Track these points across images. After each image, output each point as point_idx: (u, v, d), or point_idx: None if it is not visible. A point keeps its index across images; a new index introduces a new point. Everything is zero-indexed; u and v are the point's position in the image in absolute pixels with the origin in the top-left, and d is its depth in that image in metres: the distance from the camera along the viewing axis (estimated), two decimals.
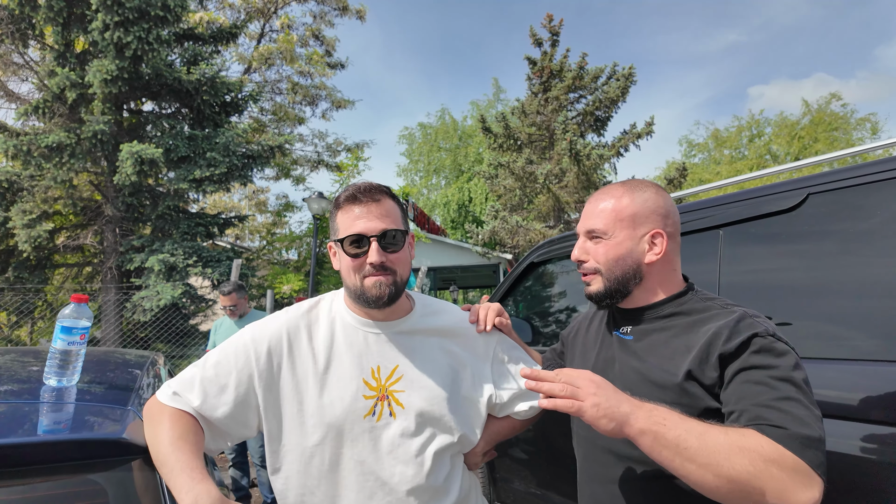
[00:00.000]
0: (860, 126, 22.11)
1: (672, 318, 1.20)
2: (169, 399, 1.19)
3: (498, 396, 1.34)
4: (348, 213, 1.22)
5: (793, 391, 0.97)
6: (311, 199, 8.77)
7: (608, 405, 0.96)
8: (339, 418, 1.20)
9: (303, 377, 1.23)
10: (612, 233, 1.22)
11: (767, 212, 2.05)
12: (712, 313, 1.14)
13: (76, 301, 1.45)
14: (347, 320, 1.29)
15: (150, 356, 2.23)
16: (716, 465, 0.90)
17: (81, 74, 8.44)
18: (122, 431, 1.21)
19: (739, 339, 1.04)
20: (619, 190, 1.25)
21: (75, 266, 10.63)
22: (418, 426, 1.23)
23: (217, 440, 1.23)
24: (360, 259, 1.20)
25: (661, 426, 0.94)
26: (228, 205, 19.17)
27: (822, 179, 1.91)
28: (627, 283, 1.22)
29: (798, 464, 0.89)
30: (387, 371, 1.25)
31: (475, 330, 1.37)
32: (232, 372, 1.21)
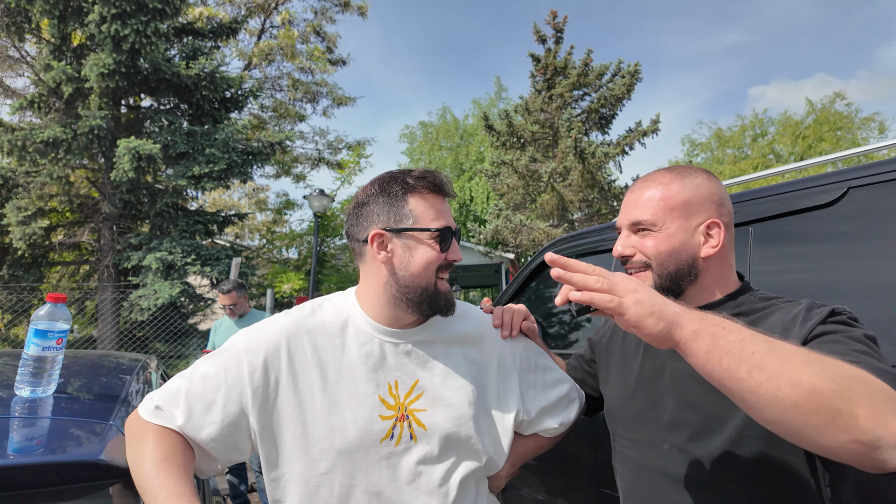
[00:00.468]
0: (864, 126, 22.01)
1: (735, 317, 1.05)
2: (151, 414, 1.04)
3: (525, 412, 1.20)
4: (429, 201, 1.08)
5: (870, 351, 0.85)
6: (313, 196, 8.63)
7: (653, 302, 0.81)
8: (353, 443, 1.03)
9: (307, 395, 1.06)
10: (663, 223, 1.08)
11: (803, 207, 1.91)
12: (774, 307, 1.02)
13: (52, 301, 1.29)
14: (362, 326, 1.11)
15: (141, 360, 2.07)
16: (792, 372, 0.70)
17: (78, 68, 8.29)
18: (100, 452, 1.07)
19: (818, 317, 0.92)
20: (666, 176, 1.12)
21: (71, 264, 10.49)
22: (442, 450, 1.08)
23: (208, 461, 1.06)
24: (444, 254, 1.08)
25: (720, 328, 0.78)
26: (228, 203, 19.03)
27: (864, 172, 1.78)
28: (682, 281, 1.08)
29: (887, 389, 0.70)
30: (406, 387, 1.09)
31: (500, 335, 1.22)
32: (221, 387, 1.04)
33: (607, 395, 1.28)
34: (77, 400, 1.36)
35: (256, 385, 1.04)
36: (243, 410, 1.04)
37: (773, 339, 0.76)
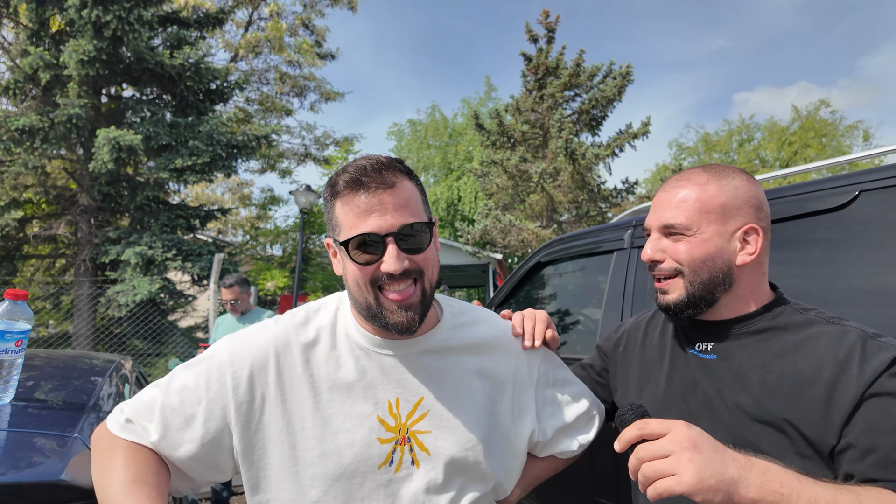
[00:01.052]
0: (848, 133, 22.44)
1: (766, 333, 0.99)
2: (121, 429, 0.92)
3: (541, 433, 1.09)
4: (351, 204, 0.90)
5: None
6: (299, 192, 8.46)
7: (712, 471, 0.75)
8: (347, 469, 0.93)
9: (297, 414, 0.94)
10: (698, 227, 1.00)
11: (811, 210, 1.85)
12: (817, 330, 0.95)
13: (12, 298, 1.16)
14: (356, 338, 0.99)
15: (115, 361, 1.92)
16: None
17: (56, 55, 8.01)
18: (62, 471, 0.95)
19: (879, 364, 0.85)
20: (702, 176, 1.04)
21: (47, 258, 10.16)
22: (447, 477, 0.97)
23: (183, 479, 0.95)
24: (371, 267, 0.90)
25: (780, 495, 0.75)
26: (211, 198, 18.70)
27: (877, 175, 1.71)
28: (715, 290, 1.01)
29: None
30: (408, 405, 0.98)
31: (517, 345, 1.10)
32: (202, 401, 0.93)
33: None
34: (39, 409, 1.22)
35: (241, 401, 0.93)
36: (226, 427, 0.93)
37: (835, 500, 0.75)
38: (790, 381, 0.92)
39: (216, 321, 4.28)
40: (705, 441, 0.79)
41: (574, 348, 3.00)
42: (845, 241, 1.77)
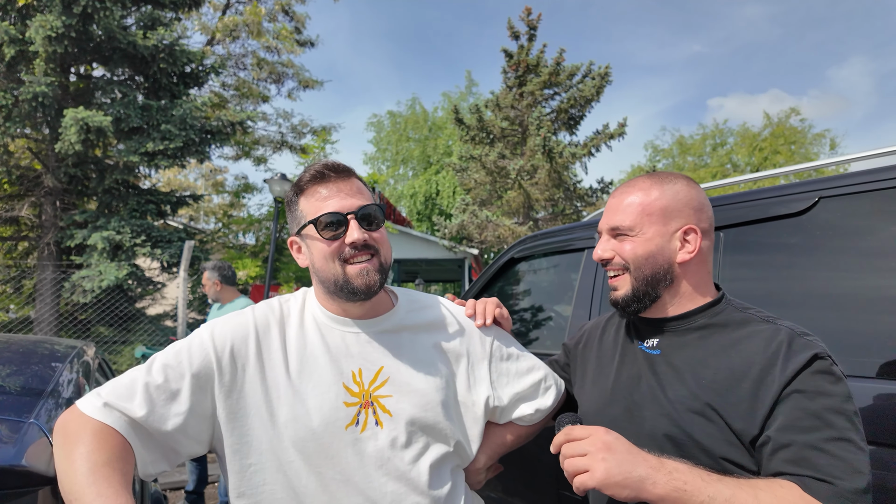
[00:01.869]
0: (816, 141, 23.25)
1: (707, 330, 1.08)
2: (97, 411, 0.93)
3: (497, 398, 1.21)
4: (315, 195, 1.09)
5: (846, 428, 0.89)
6: (273, 180, 8.34)
7: (621, 470, 0.87)
8: (318, 430, 1.04)
9: (273, 383, 1.06)
10: (641, 228, 1.10)
11: (775, 215, 1.93)
12: (753, 328, 1.03)
13: None
14: (321, 319, 1.14)
15: (77, 347, 1.88)
16: None
17: (22, 30, 7.70)
18: (21, 455, 0.93)
19: (800, 361, 0.93)
20: (646, 182, 1.14)
21: (8, 240, 9.82)
22: (409, 435, 1.08)
23: (157, 461, 0.99)
24: (338, 242, 1.07)
25: (683, 492, 0.86)
26: (183, 183, 18.30)
27: (835, 183, 1.80)
28: (657, 285, 1.10)
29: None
30: (370, 374, 1.10)
31: (470, 325, 1.25)
32: (185, 375, 1.01)
33: (582, 400, 1.28)
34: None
35: (224, 372, 1.04)
36: (210, 397, 1.03)
37: (732, 498, 0.84)
38: (723, 376, 1.00)
39: (210, 312, 4.33)
40: (619, 444, 0.91)
41: (544, 344, 3.05)
42: (805, 245, 1.85)
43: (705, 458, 0.98)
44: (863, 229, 1.68)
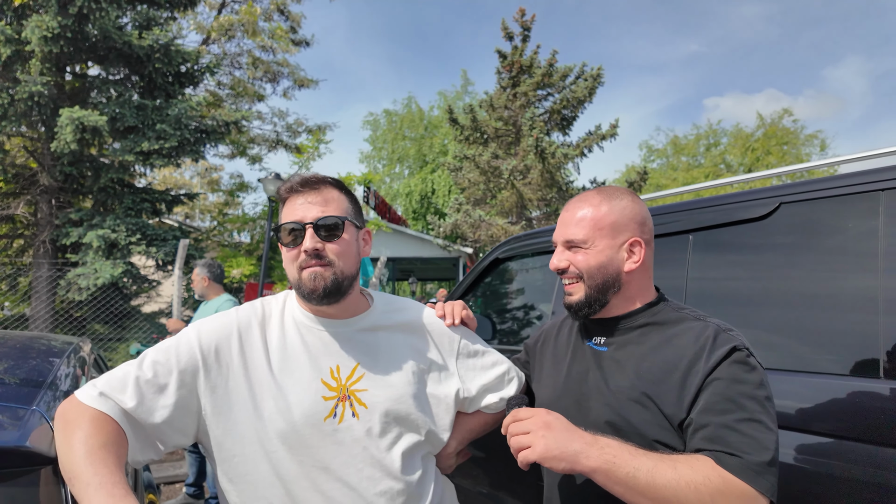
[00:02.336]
0: (808, 142, 23.39)
1: (646, 328, 1.20)
2: (93, 400, 1.01)
3: (465, 391, 1.31)
4: (288, 205, 1.19)
5: (757, 411, 1.00)
6: (268, 179, 8.42)
7: (558, 445, 0.98)
8: (299, 423, 1.11)
9: (256, 379, 1.14)
10: (593, 242, 1.21)
11: (739, 219, 2.02)
12: (686, 325, 1.15)
13: None
14: (301, 319, 1.22)
15: (73, 343, 1.98)
16: (663, 500, 0.95)
17: (18, 29, 7.74)
18: (24, 437, 1.03)
19: (721, 353, 1.06)
20: (596, 198, 1.24)
21: (4, 238, 9.86)
22: (384, 426, 1.16)
23: (146, 450, 1.07)
24: (296, 248, 1.15)
25: (612, 464, 0.97)
26: (179, 181, 18.33)
27: (795, 189, 1.90)
28: (607, 292, 1.21)
29: (747, 491, 0.95)
30: (347, 370, 1.18)
31: (440, 326, 1.34)
32: (173, 371, 1.09)
33: (539, 393, 1.39)
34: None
35: (209, 369, 1.12)
36: (195, 393, 1.10)
37: (654, 469, 0.96)
38: (658, 368, 1.12)
39: (198, 308, 4.42)
40: (558, 423, 1.02)
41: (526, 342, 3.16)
42: (766, 248, 1.95)
43: (640, 441, 1.07)
44: (819, 232, 1.77)
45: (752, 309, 1.87)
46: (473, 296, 3.65)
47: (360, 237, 1.25)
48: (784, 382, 1.64)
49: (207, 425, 1.12)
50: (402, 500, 1.15)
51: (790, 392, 1.61)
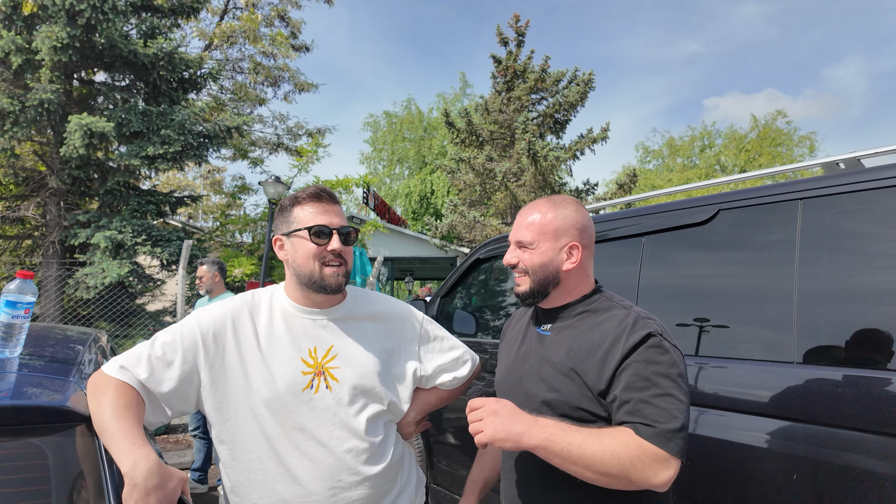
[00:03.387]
0: (802, 143, 23.46)
1: (582, 315, 1.37)
2: (115, 372, 1.25)
3: (423, 370, 1.53)
4: (310, 209, 1.38)
5: (670, 387, 1.17)
6: (268, 182, 8.69)
7: (504, 428, 1.15)
8: (282, 392, 1.33)
9: (247, 356, 1.36)
10: (538, 244, 1.37)
11: (684, 224, 2.26)
12: (612, 312, 1.32)
13: (22, 277, 1.51)
14: (286, 308, 1.43)
15: (92, 333, 2.28)
16: (593, 467, 1.12)
17: (29, 39, 8.05)
18: (66, 400, 1.30)
19: (636, 338, 1.22)
20: (545, 206, 1.41)
21: (14, 238, 10.16)
22: (352, 397, 1.38)
23: (157, 414, 1.30)
24: (322, 247, 1.35)
25: (550, 441, 1.13)
26: (182, 183, 18.62)
27: (732, 197, 2.14)
28: (547, 286, 1.38)
29: (659, 454, 1.12)
30: (322, 351, 1.40)
31: (405, 315, 1.56)
32: (178, 350, 1.31)
33: (496, 373, 1.58)
34: (39, 361, 1.59)
35: (208, 348, 1.34)
36: (196, 368, 1.33)
37: (584, 442, 1.13)
38: (586, 348, 1.29)
39: (197, 302, 4.71)
40: (504, 409, 1.18)
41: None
42: (706, 250, 2.17)
43: (567, 409, 1.26)
44: (754, 235, 1.99)
45: (691, 303, 2.12)
46: (459, 293, 3.90)
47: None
48: (716, 368, 1.90)
49: (205, 395, 1.33)
50: (365, 457, 1.36)
51: (727, 377, 1.87)
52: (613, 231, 2.61)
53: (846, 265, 1.72)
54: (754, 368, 1.82)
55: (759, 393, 1.77)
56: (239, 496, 1.37)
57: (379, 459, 1.40)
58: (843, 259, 1.73)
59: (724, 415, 1.85)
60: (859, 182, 1.76)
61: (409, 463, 1.58)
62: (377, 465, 1.40)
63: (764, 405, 1.74)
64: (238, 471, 1.36)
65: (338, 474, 1.34)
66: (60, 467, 1.20)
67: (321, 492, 1.33)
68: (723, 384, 1.90)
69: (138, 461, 1.07)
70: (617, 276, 2.49)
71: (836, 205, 1.80)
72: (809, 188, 1.90)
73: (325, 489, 1.33)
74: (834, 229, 1.78)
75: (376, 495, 1.40)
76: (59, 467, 1.20)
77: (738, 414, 1.81)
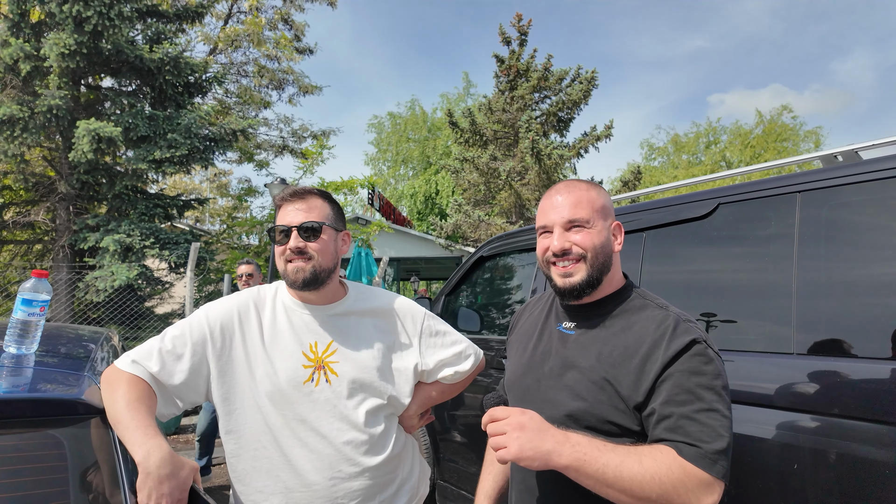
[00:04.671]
0: (808, 138, 23.30)
1: (613, 314, 1.23)
2: (128, 366, 1.31)
3: (424, 364, 1.54)
4: (281, 212, 1.44)
5: (715, 401, 1.06)
6: (273, 185, 8.75)
7: (531, 445, 1.01)
8: (283, 385, 1.38)
9: (252, 349, 1.41)
10: (594, 221, 1.22)
11: (684, 218, 2.29)
12: (649, 313, 1.19)
13: (36, 276, 1.57)
14: (288, 304, 1.48)
15: (104, 332, 2.34)
16: (630, 491, 1.00)
17: (37, 46, 8.16)
18: (81, 393, 1.35)
19: (679, 345, 1.10)
20: (583, 184, 1.28)
21: (25, 243, 10.30)
22: (350, 391, 1.41)
23: (169, 406, 1.35)
24: (283, 246, 1.41)
25: (582, 462, 1.01)
26: (189, 186, 18.77)
27: (731, 191, 2.16)
28: (603, 273, 1.23)
29: (704, 477, 1.01)
30: (323, 346, 1.44)
31: (406, 310, 1.57)
32: (188, 344, 1.37)
33: (507, 371, 1.46)
34: (54, 357, 1.64)
35: (215, 340, 1.39)
36: (205, 360, 1.38)
37: (621, 464, 1.00)
38: (619, 353, 1.15)
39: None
40: (532, 423, 1.04)
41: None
42: (706, 243, 2.19)
43: (594, 421, 1.13)
44: (752, 229, 2.02)
45: (691, 296, 2.14)
46: (463, 291, 3.94)
47: (339, 238, 1.48)
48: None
49: (214, 386, 1.38)
50: (364, 449, 1.40)
51: (728, 368, 1.89)
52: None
53: (844, 257, 1.73)
54: (754, 360, 1.84)
55: (759, 385, 1.79)
56: (245, 484, 1.41)
57: (378, 451, 1.43)
58: (842, 251, 1.74)
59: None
60: (856, 174, 1.77)
61: (412, 455, 1.61)
62: (377, 456, 1.43)
63: (763, 396, 1.76)
64: (244, 459, 1.41)
65: (337, 465, 1.38)
66: (77, 457, 1.24)
67: (321, 481, 1.37)
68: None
69: (151, 451, 1.11)
70: None
71: (834, 197, 1.82)
72: (807, 181, 1.92)
73: (325, 479, 1.37)
74: (832, 221, 1.79)
75: (376, 486, 1.43)
76: (76, 457, 1.24)
77: (738, 405, 1.82)
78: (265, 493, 1.38)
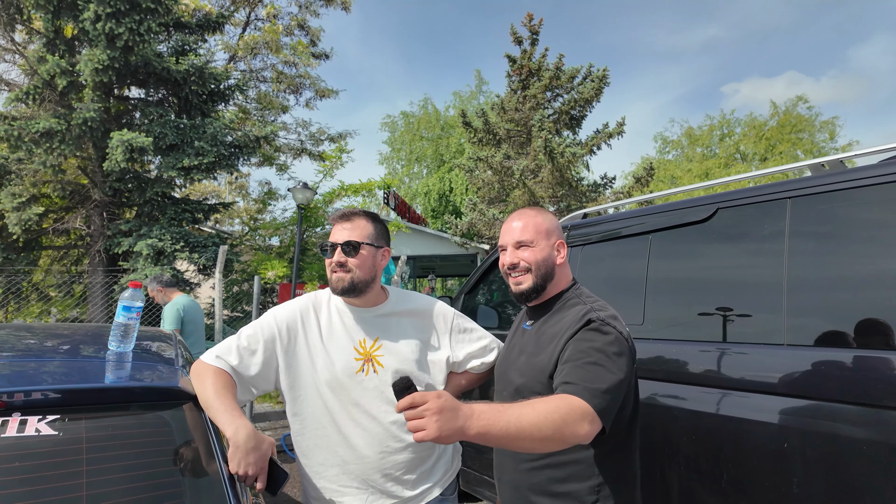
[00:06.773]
0: (824, 128, 22.86)
1: (556, 310, 1.56)
2: (213, 360, 1.56)
3: (454, 357, 1.78)
4: (332, 229, 1.69)
5: (602, 359, 1.30)
6: (296, 189, 9.08)
7: (447, 426, 1.12)
8: (339, 374, 1.62)
9: (313, 345, 1.65)
10: (538, 241, 1.56)
11: (685, 222, 2.49)
12: (575, 309, 1.49)
13: (133, 286, 1.87)
14: (340, 307, 1.73)
15: (171, 333, 2.66)
16: (531, 436, 1.16)
17: (72, 62, 8.57)
18: (177, 382, 1.64)
19: (579, 325, 1.40)
20: (532, 211, 1.63)
21: (62, 249, 10.77)
22: (394, 378, 1.60)
23: (245, 393, 1.60)
24: (330, 259, 1.65)
25: (487, 427, 1.14)
26: (209, 188, 19.19)
27: (729, 197, 2.36)
28: (546, 281, 1.57)
29: (584, 407, 1.21)
30: (370, 342, 1.67)
31: (439, 311, 1.81)
32: (260, 341, 1.62)
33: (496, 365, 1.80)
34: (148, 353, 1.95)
35: (283, 338, 1.64)
36: (274, 354, 1.63)
37: (519, 417, 1.15)
38: (547, 338, 1.48)
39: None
40: (446, 405, 1.13)
41: None
42: (706, 244, 2.39)
43: (529, 393, 1.42)
44: (749, 232, 2.21)
45: (694, 294, 2.34)
46: (482, 289, 4.17)
47: (380, 254, 1.69)
48: (714, 351, 2.12)
49: (282, 376, 1.61)
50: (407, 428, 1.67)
51: (724, 359, 2.08)
52: (625, 229, 2.84)
53: (831, 256, 1.88)
54: (748, 351, 2.03)
55: (752, 373, 1.98)
56: (308, 458, 1.65)
57: None
58: (828, 250, 1.89)
59: (709, 392, 2.07)
60: (841, 181, 1.95)
61: None
62: None
63: (755, 383, 1.95)
64: (307, 437, 1.64)
65: (385, 441, 1.60)
66: (181, 434, 1.49)
67: (372, 455, 1.60)
68: (719, 365, 2.10)
69: (239, 429, 1.35)
70: (627, 271, 2.73)
71: (821, 202, 1.99)
72: (797, 188, 2.10)
73: (375, 453, 1.60)
74: (819, 224, 1.97)
75: (417, 459, 1.65)
76: (180, 433, 1.49)
77: (734, 391, 2.01)
78: (325, 466, 1.62)
